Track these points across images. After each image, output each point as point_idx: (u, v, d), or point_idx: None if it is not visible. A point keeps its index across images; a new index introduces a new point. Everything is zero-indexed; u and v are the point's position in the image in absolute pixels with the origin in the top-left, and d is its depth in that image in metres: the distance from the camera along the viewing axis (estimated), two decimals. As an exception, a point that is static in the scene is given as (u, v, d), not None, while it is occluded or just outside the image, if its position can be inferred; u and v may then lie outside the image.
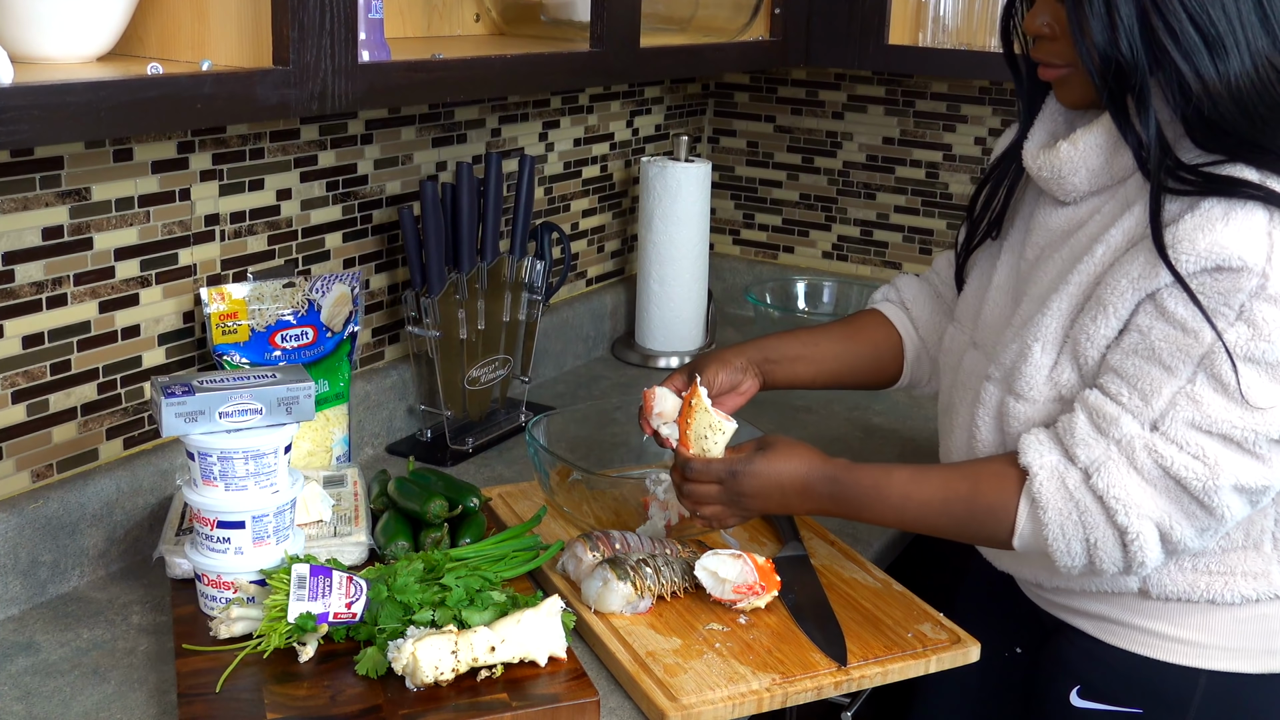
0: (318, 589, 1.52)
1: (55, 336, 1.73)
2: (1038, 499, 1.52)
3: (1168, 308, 1.46)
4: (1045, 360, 1.58)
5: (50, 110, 1.27)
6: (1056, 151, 1.59)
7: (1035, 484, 1.52)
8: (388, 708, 1.44)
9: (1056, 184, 1.61)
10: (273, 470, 1.59)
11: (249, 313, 1.91)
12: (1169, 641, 1.64)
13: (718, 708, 1.51)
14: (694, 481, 1.69)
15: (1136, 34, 1.46)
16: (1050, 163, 1.60)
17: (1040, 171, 1.62)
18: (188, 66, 1.48)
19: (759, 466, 1.65)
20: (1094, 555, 1.51)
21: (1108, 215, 1.57)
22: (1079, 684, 1.70)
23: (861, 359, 1.93)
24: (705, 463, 1.68)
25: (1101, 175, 1.58)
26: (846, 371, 1.93)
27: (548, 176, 2.65)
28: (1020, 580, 1.80)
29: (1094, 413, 1.51)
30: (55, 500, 1.72)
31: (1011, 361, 1.61)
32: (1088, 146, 1.56)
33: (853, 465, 1.64)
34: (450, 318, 2.19)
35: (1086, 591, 1.68)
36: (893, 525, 1.66)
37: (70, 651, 1.62)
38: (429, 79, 1.74)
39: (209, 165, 1.90)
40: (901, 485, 1.61)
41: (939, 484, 1.60)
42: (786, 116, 3.09)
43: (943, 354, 1.85)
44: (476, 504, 1.84)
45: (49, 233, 1.70)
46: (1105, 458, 1.49)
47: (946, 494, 1.59)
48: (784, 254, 3.15)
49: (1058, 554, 1.53)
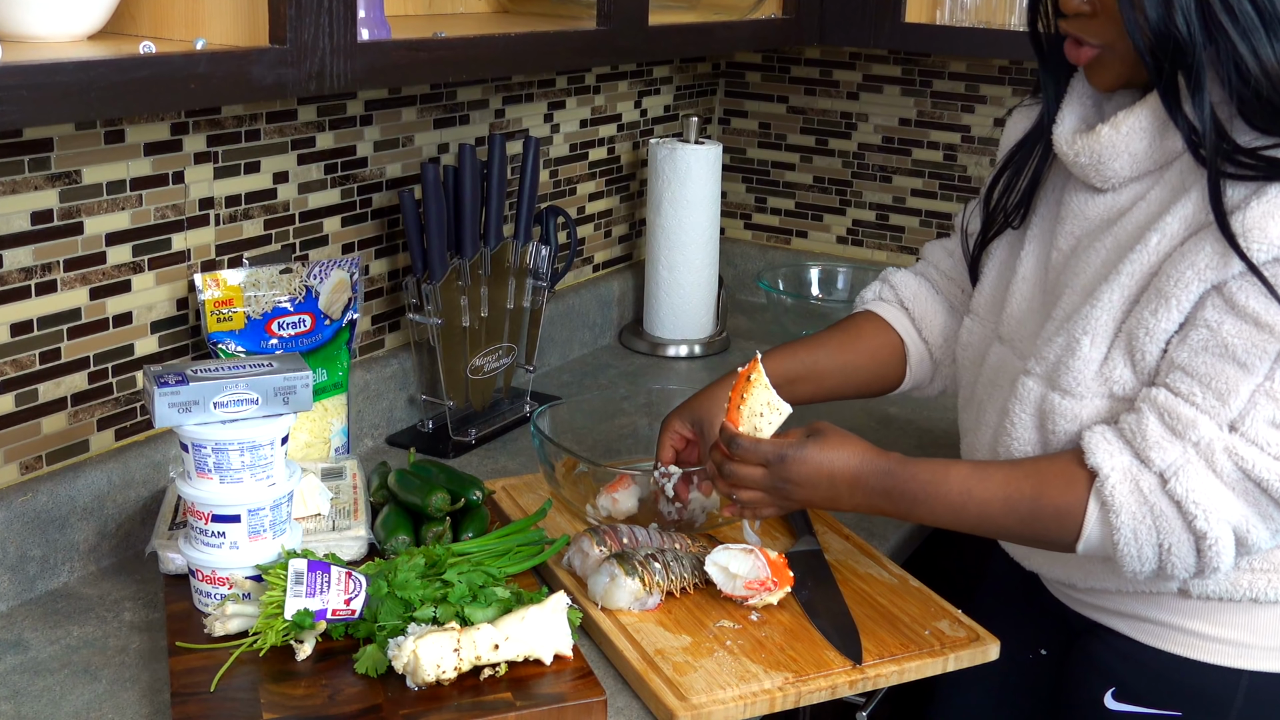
0: (316, 585, 1.52)
1: (45, 324, 1.73)
2: (1109, 502, 1.49)
3: (1238, 301, 1.44)
4: (1095, 354, 1.55)
5: (39, 90, 1.27)
6: (1096, 136, 1.57)
7: (1107, 487, 1.50)
8: (388, 707, 1.44)
9: (1094, 170, 1.59)
10: (269, 462, 1.59)
11: (244, 299, 1.91)
12: (1209, 641, 1.64)
13: (729, 707, 1.51)
14: (739, 461, 1.65)
15: (1192, 10, 1.43)
16: (1089, 147, 1.57)
17: (1078, 157, 1.59)
18: (181, 45, 1.47)
19: (810, 453, 1.61)
20: (1166, 560, 1.49)
21: (1156, 202, 1.55)
22: (1114, 686, 1.69)
23: (861, 371, 1.91)
24: (754, 442, 1.64)
25: (1144, 160, 1.56)
26: (849, 386, 1.92)
27: (553, 159, 2.64)
28: (1047, 580, 1.79)
29: (1166, 414, 1.48)
30: (45, 493, 1.72)
31: (1056, 356, 1.59)
32: (1130, 130, 1.54)
33: (908, 459, 1.61)
34: (452, 305, 2.19)
35: (1123, 592, 1.67)
36: (947, 525, 1.62)
37: (60, 649, 1.62)
38: (430, 58, 1.74)
39: (203, 147, 1.89)
40: (961, 482, 1.58)
41: (1001, 482, 1.57)
42: (800, 97, 3.08)
43: (961, 349, 1.83)
44: (479, 497, 1.84)
45: (38, 217, 1.70)
46: (1183, 461, 1.47)
47: (1009, 493, 1.56)
48: (797, 239, 3.15)
49: (1127, 559, 1.50)
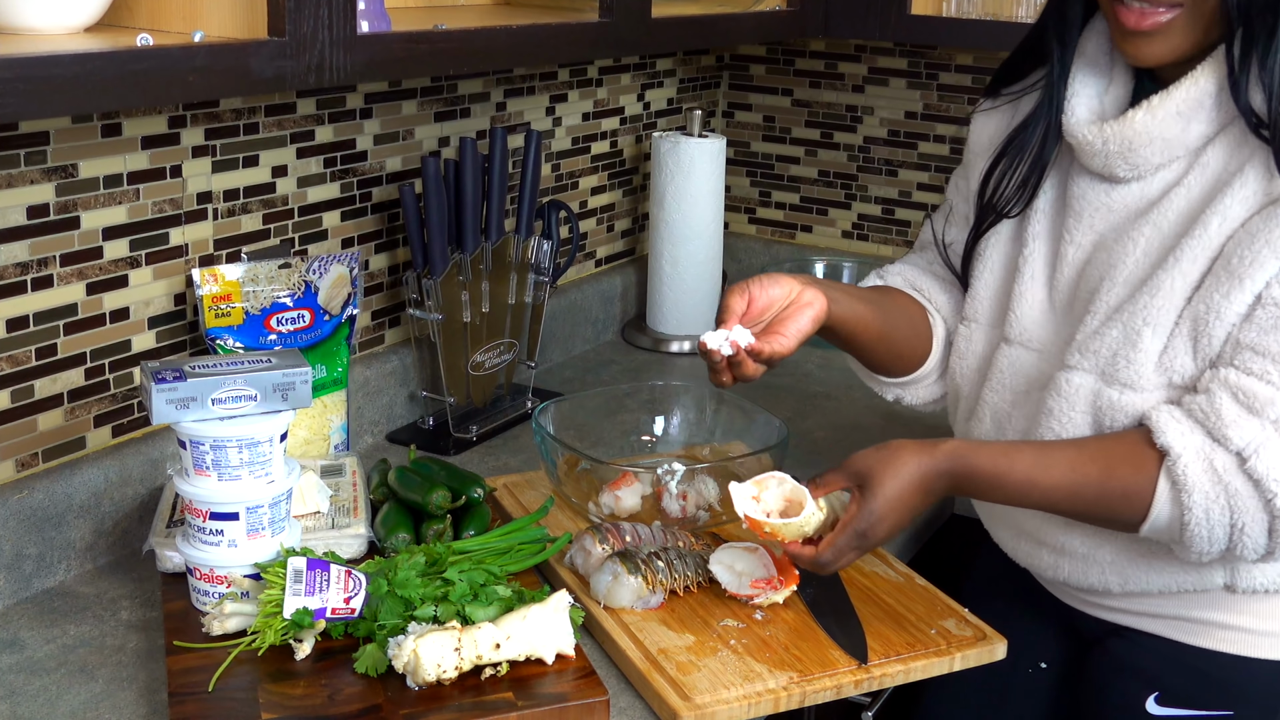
0: (315, 583, 1.52)
1: (41, 320, 1.73)
2: (1181, 482, 1.48)
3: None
4: (1156, 345, 1.55)
5: (36, 83, 1.27)
6: (1129, 122, 1.56)
7: (1179, 466, 1.48)
8: (388, 707, 1.44)
9: (1122, 158, 1.58)
10: (268, 459, 1.59)
11: (243, 295, 1.91)
12: (1258, 636, 1.64)
13: (733, 707, 1.50)
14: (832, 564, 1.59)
15: None
16: (1120, 135, 1.56)
17: (1106, 144, 1.58)
18: (179, 37, 1.47)
19: (878, 510, 1.55)
20: (1237, 541, 1.49)
21: (1198, 186, 1.55)
22: (1157, 691, 1.68)
23: (901, 326, 1.84)
24: (834, 548, 1.57)
25: (1175, 146, 1.55)
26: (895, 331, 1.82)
27: (555, 152, 2.64)
28: (1065, 591, 1.78)
29: (1240, 393, 1.48)
30: (41, 491, 1.72)
31: (1111, 350, 1.57)
32: (1166, 115, 1.53)
33: (967, 450, 1.57)
34: (453, 300, 2.19)
35: (1165, 593, 1.66)
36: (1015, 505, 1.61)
37: (56, 649, 1.62)
38: (431, 50, 1.74)
39: (201, 141, 1.89)
40: (1025, 471, 1.55)
41: (1067, 467, 1.55)
42: (804, 90, 3.08)
43: (958, 359, 1.80)
44: (481, 494, 1.84)
45: (34, 211, 1.69)
46: (1263, 440, 1.46)
47: (1075, 477, 1.54)
48: (802, 233, 3.14)
49: (1196, 539, 1.50)
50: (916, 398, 1.92)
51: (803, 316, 1.64)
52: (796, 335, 1.63)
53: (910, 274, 1.91)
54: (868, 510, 1.54)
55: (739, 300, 1.63)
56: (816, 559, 1.57)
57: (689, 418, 2.14)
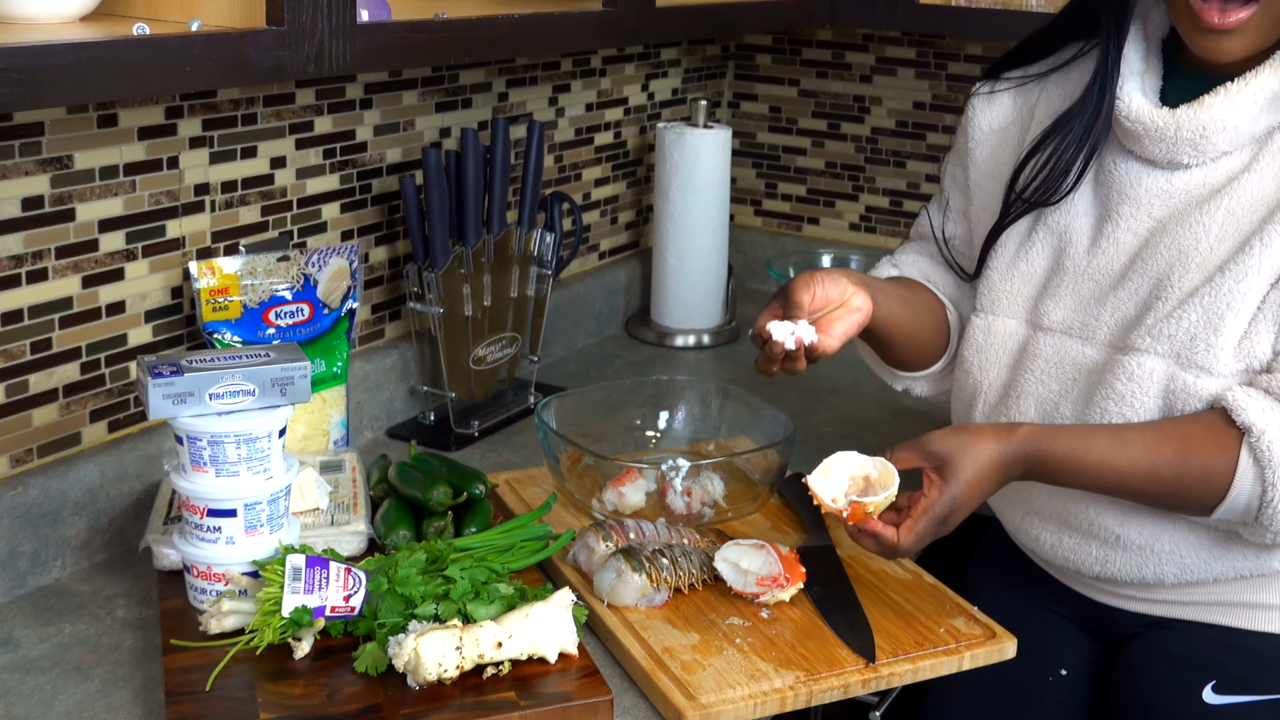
0: (314, 581, 1.52)
1: (35, 313, 1.73)
2: (1265, 458, 1.50)
3: None
4: (1237, 329, 1.56)
5: (30, 73, 1.27)
6: (1207, 109, 1.57)
7: (1264, 443, 1.50)
8: (388, 707, 1.44)
9: (1192, 145, 1.60)
10: (266, 455, 1.59)
11: (241, 288, 1.91)
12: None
13: (738, 707, 1.50)
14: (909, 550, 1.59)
15: None
16: (1194, 121, 1.58)
17: (1179, 131, 1.59)
18: (176, 27, 1.47)
19: (959, 494, 1.56)
20: None
21: (1271, 172, 1.58)
22: (1213, 679, 1.69)
23: (926, 323, 1.86)
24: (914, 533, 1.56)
25: (1242, 134, 1.58)
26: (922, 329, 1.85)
27: (558, 143, 2.64)
28: (1110, 587, 1.77)
29: None
30: (35, 487, 1.72)
31: (1189, 334, 1.58)
32: (1244, 102, 1.56)
33: (1043, 435, 1.59)
34: (454, 293, 2.19)
35: (1222, 580, 1.67)
36: (1086, 490, 1.62)
37: (51, 647, 1.62)
38: (432, 39, 1.74)
39: (198, 132, 1.89)
40: (1101, 453, 1.56)
41: (1143, 449, 1.56)
42: (811, 80, 3.08)
43: (976, 351, 1.79)
44: (482, 491, 1.84)
45: (29, 203, 1.69)
46: None
47: (1153, 458, 1.55)
48: (809, 226, 3.14)
49: (1277, 517, 1.52)
50: (926, 390, 1.94)
51: (850, 320, 1.68)
52: (841, 337, 1.67)
53: (923, 265, 1.92)
54: (949, 496, 1.55)
55: (806, 295, 1.65)
56: (899, 545, 1.57)
57: (694, 413, 2.14)
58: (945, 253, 1.88)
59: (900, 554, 1.57)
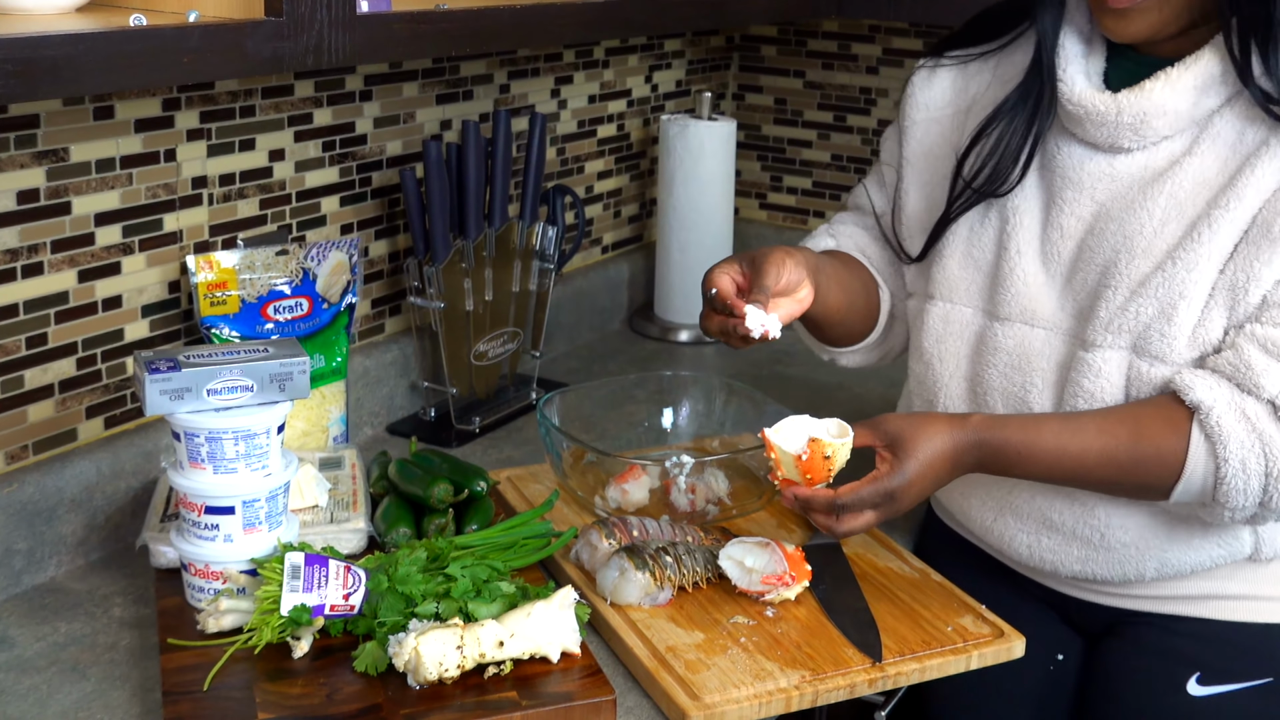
0: (313, 579, 1.52)
1: (31, 308, 1.73)
2: (1215, 434, 1.51)
3: None
4: (1190, 318, 1.57)
5: (26, 65, 1.27)
6: (1147, 94, 1.58)
7: (1212, 418, 1.51)
8: (388, 707, 1.44)
9: (1133, 130, 1.60)
10: (264, 452, 1.59)
11: (239, 282, 1.91)
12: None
13: (743, 707, 1.50)
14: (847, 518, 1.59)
15: None
16: (1134, 106, 1.59)
17: (1120, 116, 1.60)
18: (173, 17, 1.47)
19: (911, 473, 1.56)
20: (1272, 490, 1.52)
21: (1212, 155, 1.58)
22: (1197, 671, 1.70)
23: (858, 303, 1.87)
24: (856, 495, 1.57)
25: (1183, 119, 1.59)
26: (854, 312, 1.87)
27: (560, 136, 2.64)
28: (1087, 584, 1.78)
29: (1268, 344, 1.52)
30: (31, 484, 1.72)
31: (1144, 323, 1.59)
32: (1184, 87, 1.57)
33: (995, 423, 1.60)
34: (455, 288, 2.18)
35: (1198, 572, 1.68)
36: (1042, 480, 1.63)
37: (47, 646, 1.62)
38: (433, 30, 1.73)
39: (196, 124, 1.89)
40: (1054, 437, 1.58)
41: (1095, 433, 1.57)
42: (817, 71, 3.07)
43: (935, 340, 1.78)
44: (484, 488, 1.84)
45: (24, 196, 1.69)
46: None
47: (1106, 440, 1.56)
48: (814, 219, 3.13)
49: (1233, 493, 1.52)
50: (853, 362, 1.97)
51: (793, 309, 1.71)
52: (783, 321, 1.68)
53: (860, 238, 1.94)
54: (900, 472, 1.56)
55: (773, 279, 1.66)
56: (834, 500, 1.57)
57: (698, 409, 2.14)
58: (881, 227, 1.91)
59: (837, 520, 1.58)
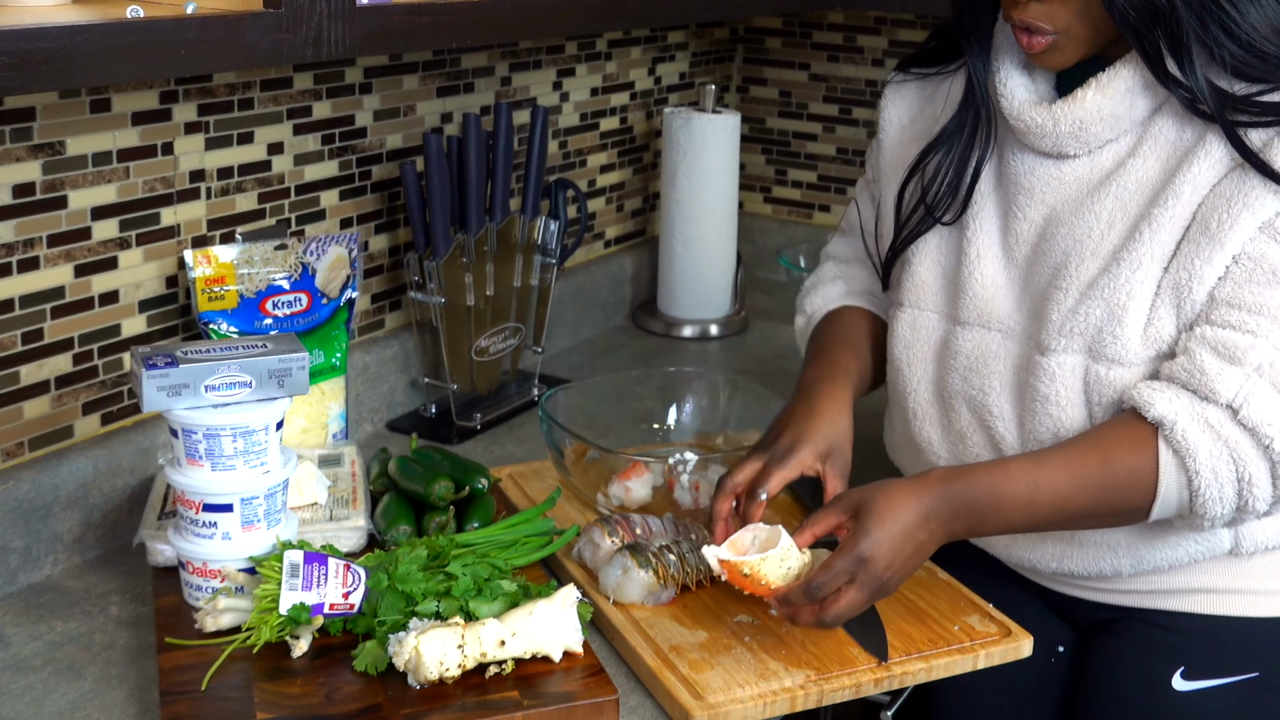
0: (312, 578, 1.52)
1: (27, 303, 1.73)
2: (1182, 447, 1.51)
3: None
4: (1140, 318, 1.58)
5: (21, 57, 1.27)
6: (1081, 102, 1.60)
7: (1177, 432, 1.51)
8: (388, 707, 1.44)
9: (1074, 137, 1.62)
10: (263, 448, 1.59)
11: (237, 277, 1.90)
12: (1267, 595, 1.69)
13: (747, 706, 1.50)
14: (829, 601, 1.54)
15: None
16: (1071, 115, 1.60)
17: (1058, 126, 1.61)
18: (171, 9, 1.47)
19: (877, 531, 1.52)
20: (1246, 494, 1.52)
21: (1154, 155, 1.60)
22: (1181, 666, 1.71)
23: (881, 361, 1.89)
24: (828, 571, 1.52)
25: (1123, 121, 1.60)
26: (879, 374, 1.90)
27: (562, 129, 2.64)
28: (1071, 580, 1.78)
29: (1219, 346, 1.52)
30: (27, 481, 1.72)
31: (1096, 327, 1.59)
32: (1117, 91, 1.58)
33: (957, 470, 1.59)
34: (456, 283, 2.18)
35: (1176, 566, 1.69)
36: (1021, 526, 1.60)
37: (43, 646, 1.62)
38: (433, 22, 1.73)
39: (194, 117, 1.89)
40: (1024, 474, 1.56)
41: (1063, 464, 1.56)
42: (822, 64, 3.07)
43: (903, 347, 1.79)
44: (485, 485, 1.84)
45: (20, 190, 1.69)
46: (1250, 388, 1.50)
47: (1076, 469, 1.56)
48: (819, 213, 3.14)
49: (1209, 502, 1.52)
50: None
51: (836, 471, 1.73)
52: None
53: (866, 280, 1.95)
54: (865, 532, 1.52)
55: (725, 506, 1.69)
56: (809, 585, 1.52)
57: (702, 405, 2.13)
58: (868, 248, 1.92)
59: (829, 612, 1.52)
